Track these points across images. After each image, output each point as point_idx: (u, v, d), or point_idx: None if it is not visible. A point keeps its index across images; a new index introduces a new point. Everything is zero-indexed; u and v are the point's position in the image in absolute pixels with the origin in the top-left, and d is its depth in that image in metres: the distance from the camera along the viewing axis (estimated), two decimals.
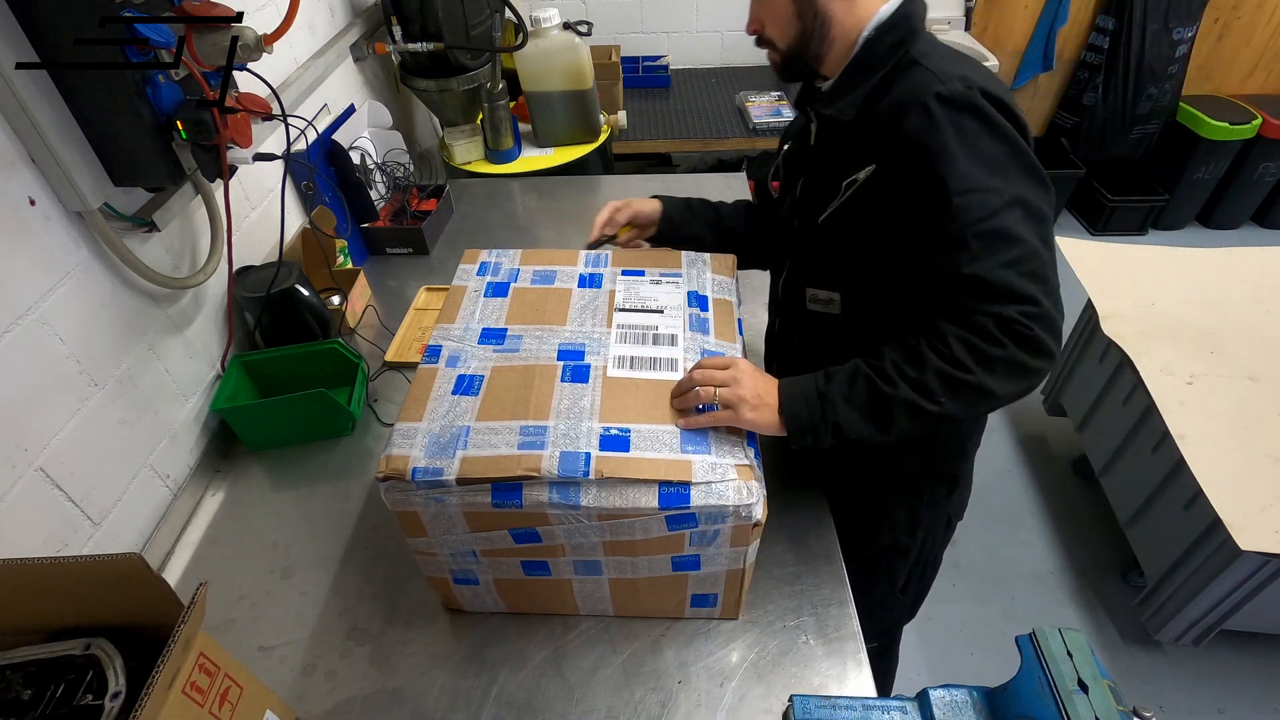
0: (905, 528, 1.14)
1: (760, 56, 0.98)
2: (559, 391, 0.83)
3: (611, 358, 0.88)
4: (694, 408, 0.80)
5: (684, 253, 1.05)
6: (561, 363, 0.87)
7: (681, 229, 1.19)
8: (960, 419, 0.79)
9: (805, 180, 0.99)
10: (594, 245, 1.15)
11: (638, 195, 1.10)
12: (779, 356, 1.16)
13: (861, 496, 1.12)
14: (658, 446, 0.77)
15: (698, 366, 0.83)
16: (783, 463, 1.15)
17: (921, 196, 0.79)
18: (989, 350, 0.74)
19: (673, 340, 0.91)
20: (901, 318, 0.87)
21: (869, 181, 0.85)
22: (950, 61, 0.82)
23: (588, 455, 0.75)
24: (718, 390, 0.79)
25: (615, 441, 0.77)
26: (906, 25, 0.84)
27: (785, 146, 1.07)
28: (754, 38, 0.94)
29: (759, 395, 0.80)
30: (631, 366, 0.87)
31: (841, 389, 0.80)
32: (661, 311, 0.95)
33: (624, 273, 1.01)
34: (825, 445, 0.80)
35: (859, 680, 0.89)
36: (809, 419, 0.80)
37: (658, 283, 0.99)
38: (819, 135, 0.95)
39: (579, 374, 0.85)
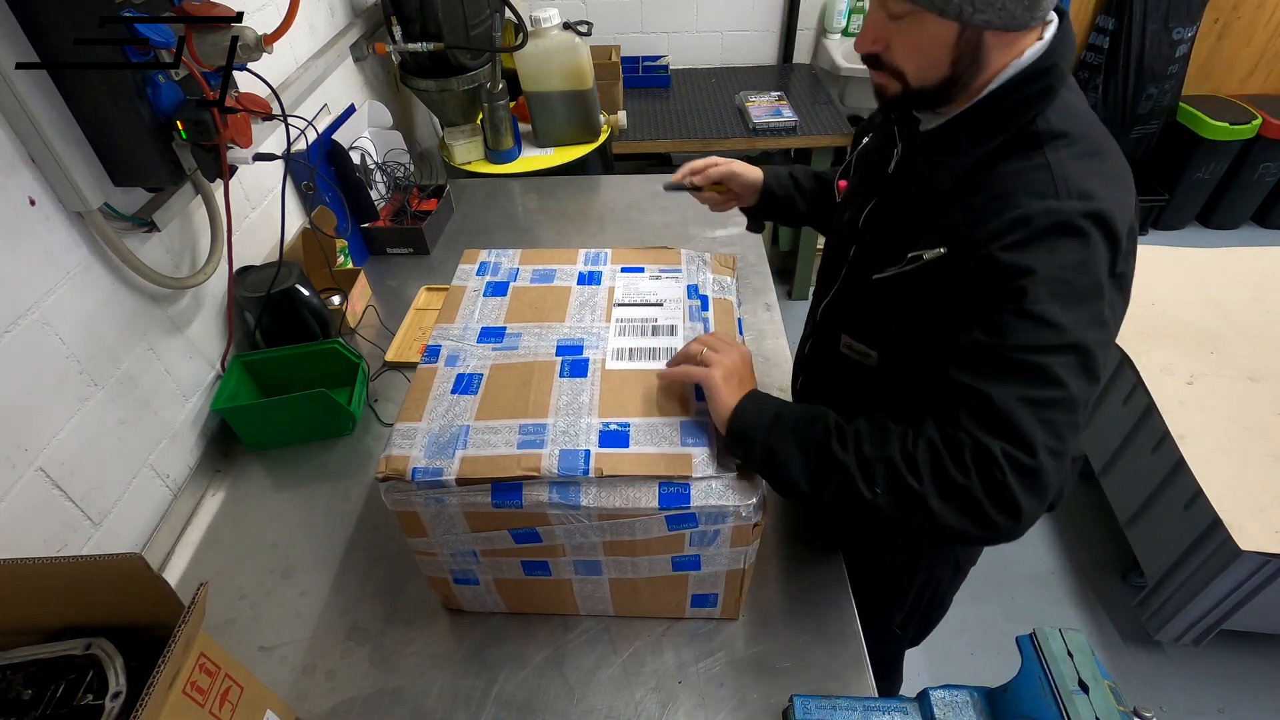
0: (904, 567, 1.07)
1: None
2: (558, 387, 0.83)
3: (610, 350, 0.88)
4: (679, 364, 0.81)
5: (684, 250, 1.05)
6: (560, 358, 0.87)
7: (785, 203, 1.12)
8: (898, 526, 0.68)
9: (875, 207, 0.87)
10: (673, 187, 1.09)
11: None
12: (806, 372, 1.08)
13: (860, 526, 1.01)
14: (657, 440, 0.77)
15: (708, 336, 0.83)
16: None
17: (980, 299, 0.70)
18: (950, 473, 0.64)
19: (672, 331, 0.91)
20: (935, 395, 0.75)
21: (933, 264, 0.75)
22: (1081, 160, 0.69)
23: (587, 453, 0.75)
24: (705, 350, 0.79)
25: (614, 437, 0.77)
26: (1042, 82, 0.70)
27: (863, 141, 0.95)
28: (866, 56, 0.76)
29: (738, 375, 0.78)
30: (630, 358, 0.87)
31: (797, 424, 0.73)
32: (661, 304, 0.95)
33: (623, 269, 1.01)
34: (753, 465, 0.74)
35: (859, 680, 0.89)
36: (751, 428, 0.73)
37: (657, 278, 0.99)
38: (900, 166, 0.83)
39: (577, 368, 0.85)
